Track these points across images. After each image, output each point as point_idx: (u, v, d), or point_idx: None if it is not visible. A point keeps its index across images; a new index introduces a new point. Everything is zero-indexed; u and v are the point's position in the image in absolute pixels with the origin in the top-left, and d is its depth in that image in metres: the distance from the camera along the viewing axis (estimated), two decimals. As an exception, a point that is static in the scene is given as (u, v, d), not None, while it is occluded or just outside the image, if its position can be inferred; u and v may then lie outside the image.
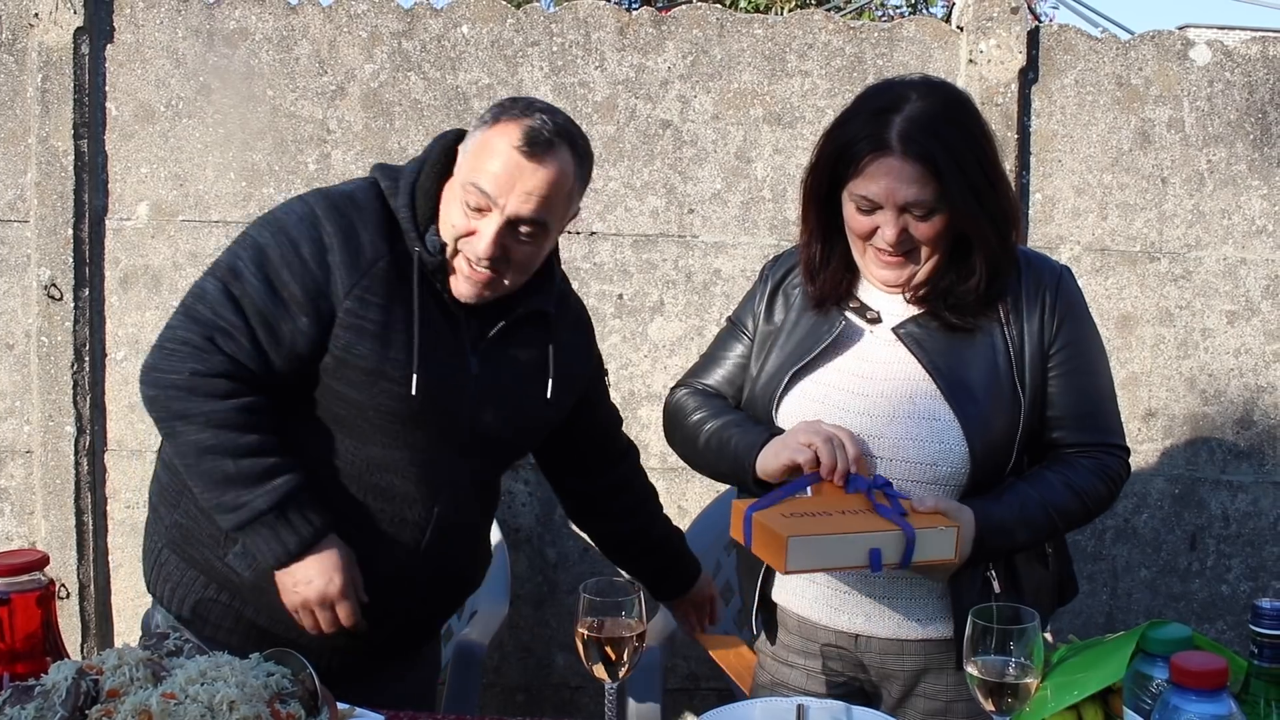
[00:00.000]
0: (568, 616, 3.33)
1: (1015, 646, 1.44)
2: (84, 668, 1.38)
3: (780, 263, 2.04)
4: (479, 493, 2.05)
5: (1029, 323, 1.86)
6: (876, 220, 1.77)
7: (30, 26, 3.20)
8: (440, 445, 1.93)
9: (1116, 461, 1.92)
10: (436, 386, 1.87)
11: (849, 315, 1.91)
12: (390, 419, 1.88)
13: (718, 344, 2.08)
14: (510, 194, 1.79)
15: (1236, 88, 3.31)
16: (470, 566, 2.12)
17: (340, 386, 1.86)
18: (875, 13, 10.28)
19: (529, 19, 3.29)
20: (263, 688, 1.40)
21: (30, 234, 3.26)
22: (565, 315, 2.08)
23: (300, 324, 1.82)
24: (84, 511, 3.32)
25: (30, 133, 3.24)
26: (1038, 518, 1.80)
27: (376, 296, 1.84)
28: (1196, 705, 1.19)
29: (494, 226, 1.80)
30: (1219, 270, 3.35)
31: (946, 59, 3.31)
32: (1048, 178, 3.33)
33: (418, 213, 1.88)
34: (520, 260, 1.87)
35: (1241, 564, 3.41)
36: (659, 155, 3.30)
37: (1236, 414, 3.39)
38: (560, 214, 1.88)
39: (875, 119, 1.75)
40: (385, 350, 1.84)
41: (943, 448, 1.79)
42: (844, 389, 1.86)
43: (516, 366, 1.97)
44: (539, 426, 2.08)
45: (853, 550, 1.63)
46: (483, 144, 1.82)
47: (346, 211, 1.87)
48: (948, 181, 1.72)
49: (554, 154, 1.81)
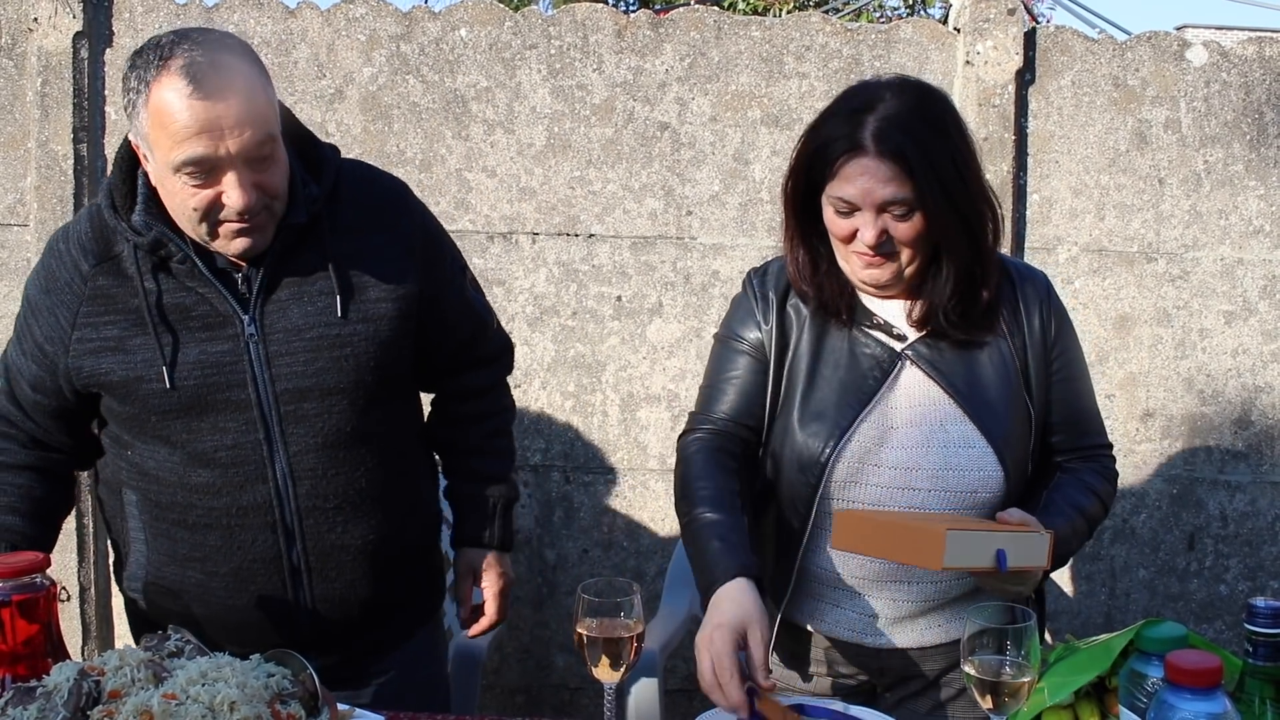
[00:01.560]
0: (567, 618, 3.33)
1: (1012, 646, 1.45)
2: (86, 669, 1.39)
3: (771, 275, 1.96)
4: (341, 451, 1.86)
5: (1030, 333, 1.87)
6: (855, 223, 1.75)
7: (29, 31, 3.21)
8: (242, 419, 1.81)
9: (1110, 460, 1.99)
10: (200, 367, 1.78)
11: (878, 337, 1.86)
12: (171, 417, 1.80)
13: (719, 365, 1.97)
14: (221, 141, 1.63)
15: (1233, 88, 3.32)
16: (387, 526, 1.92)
17: (115, 406, 1.84)
18: (873, 14, 10.29)
19: (527, 22, 3.30)
20: (263, 688, 1.40)
21: (30, 238, 3.27)
22: (354, 220, 1.87)
23: (32, 371, 1.86)
24: (84, 514, 3.32)
25: (30, 137, 3.25)
26: (1080, 526, 1.84)
27: (100, 314, 1.80)
28: (1191, 704, 1.20)
29: (234, 177, 1.66)
30: (1216, 270, 3.36)
31: (943, 61, 3.32)
32: (1045, 179, 3.34)
33: (120, 209, 1.78)
34: (273, 185, 1.72)
35: (1239, 564, 3.42)
36: (657, 157, 3.31)
37: (1234, 414, 3.39)
38: (273, 118, 1.71)
39: (849, 120, 1.73)
40: (130, 357, 1.78)
41: (982, 475, 1.80)
42: (876, 423, 1.83)
43: (302, 302, 1.81)
44: (354, 350, 1.84)
45: (987, 548, 1.63)
46: (155, 118, 1.64)
47: (58, 245, 1.86)
48: (920, 178, 1.70)
49: (224, 73, 1.63)
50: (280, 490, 1.83)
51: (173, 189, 1.69)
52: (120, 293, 1.79)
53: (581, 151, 3.31)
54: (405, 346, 1.92)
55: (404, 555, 1.98)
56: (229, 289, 1.79)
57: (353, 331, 1.83)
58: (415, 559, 2.03)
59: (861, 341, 1.86)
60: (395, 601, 1.99)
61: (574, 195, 3.32)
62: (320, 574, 1.88)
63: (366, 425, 1.87)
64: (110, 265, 1.79)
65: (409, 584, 2.03)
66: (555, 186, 3.31)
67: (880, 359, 1.84)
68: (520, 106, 3.30)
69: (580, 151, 3.31)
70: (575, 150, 3.31)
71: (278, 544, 1.84)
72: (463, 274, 2.07)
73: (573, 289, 3.33)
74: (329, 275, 1.82)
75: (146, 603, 1.93)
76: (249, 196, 1.67)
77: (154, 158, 1.69)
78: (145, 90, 1.64)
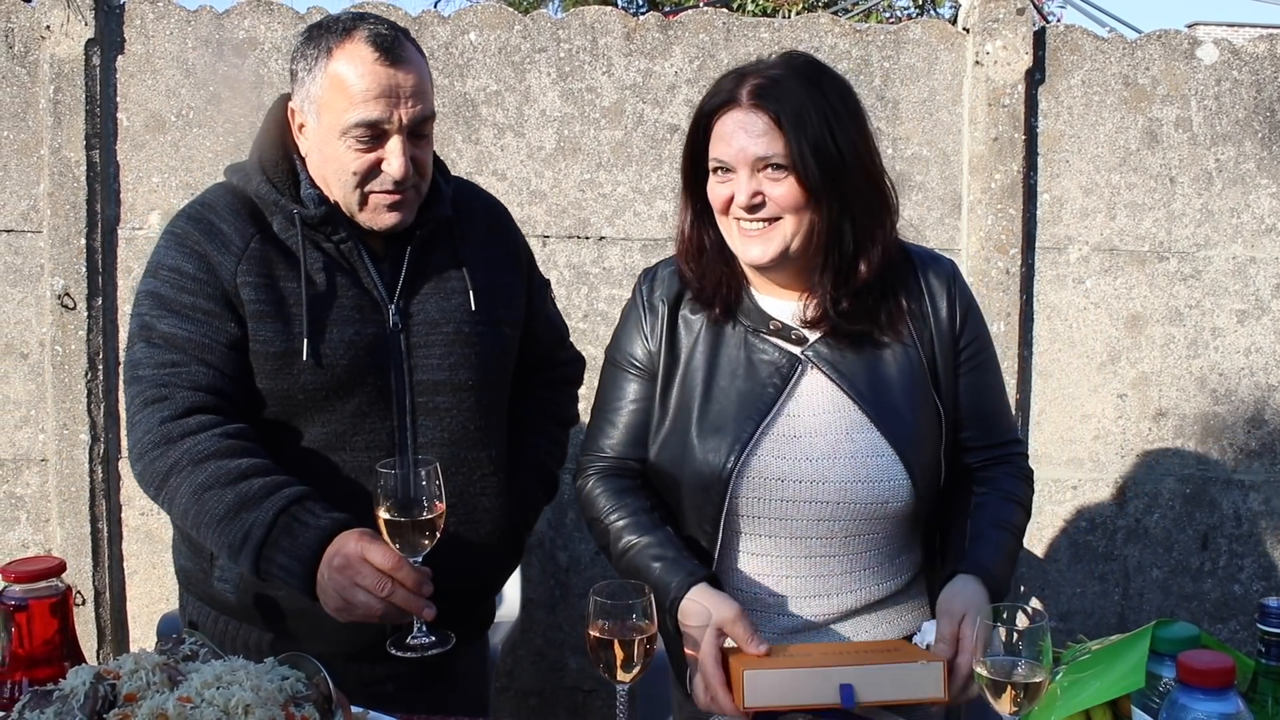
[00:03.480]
0: (580, 620, 3.33)
1: (1024, 646, 1.44)
2: (101, 672, 1.40)
3: (660, 282, 1.90)
4: (463, 451, 1.91)
5: (935, 323, 1.82)
6: (732, 187, 1.72)
7: (42, 39, 3.23)
8: (383, 405, 1.84)
9: (1024, 459, 1.93)
10: (351, 349, 1.80)
11: (775, 342, 1.80)
12: (319, 396, 1.80)
13: (607, 394, 1.92)
14: (397, 107, 1.75)
15: (1244, 86, 3.31)
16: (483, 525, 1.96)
17: (262, 383, 1.79)
18: (883, 14, 10.28)
19: (536, 25, 3.31)
20: (278, 691, 1.41)
21: (43, 244, 3.29)
22: (472, 229, 1.97)
23: (230, 329, 1.77)
24: (99, 519, 3.34)
25: (43, 144, 3.27)
26: (1012, 545, 1.81)
27: (260, 275, 1.78)
28: (1204, 704, 1.20)
29: (399, 144, 1.76)
30: (1228, 269, 3.35)
31: (953, 61, 3.31)
32: (1055, 178, 3.33)
33: (276, 184, 1.82)
34: (424, 164, 1.83)
35: (1254, 563, 3.40)
36: (667, 159, 3.31)
37: (1247, 413, 3.38)
38: (434, 100, 1.85)
39: (732, 79, 1.73)
40: (286, 326, 1.78)
41: (891, 485, 1.75)
42: (779, 433, 1.77)
43: (439, 298, 1.89)
44: (482, 349, 1.92)
45: (822, 686, 1.55)
46: (333, 83, 1.75)
47: (203, 215, 1.83)
48: (791, 134, 1.66)
49: (406, 48, 1.78)
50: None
51: (334, 153, 1.77)
52: (278, 261, 1.80)
53: (592, 154, 3.31)
54: (515, 352, 2.00)
55: (490, 573, 2.01)
56: (379, 277, 1.85)
57: (482, 331, 1.91)
58: (496, 580, 2.05)
59: (759, 348, 1.80)
60: (466, 616, 1.99)
61: (584, 198, 3.32)
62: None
63: (487, 426, 1.94)
64: (267, 235, 1.82)
65: (483, 603, 2.05)
66: (566, 189, 3.32)
67: (779, 365, 1.78)
68: (530, 110, 3.30)
69: (590, 154, 3.31)
70: (585, 153, 3.31)
71: None
72: (547, 287, 2.17)
73: (584, 291, 3.34)
74: (463, 275, 1.90)
75: (237, 596, 1.86)
76: (407, 166, 1.77)
77: (321, 122, 1.78)
78: (326, 56, 1.76)
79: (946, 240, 3.32)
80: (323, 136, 1.79)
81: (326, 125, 1.77)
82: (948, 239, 3.33)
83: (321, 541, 1.64)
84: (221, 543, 1.69)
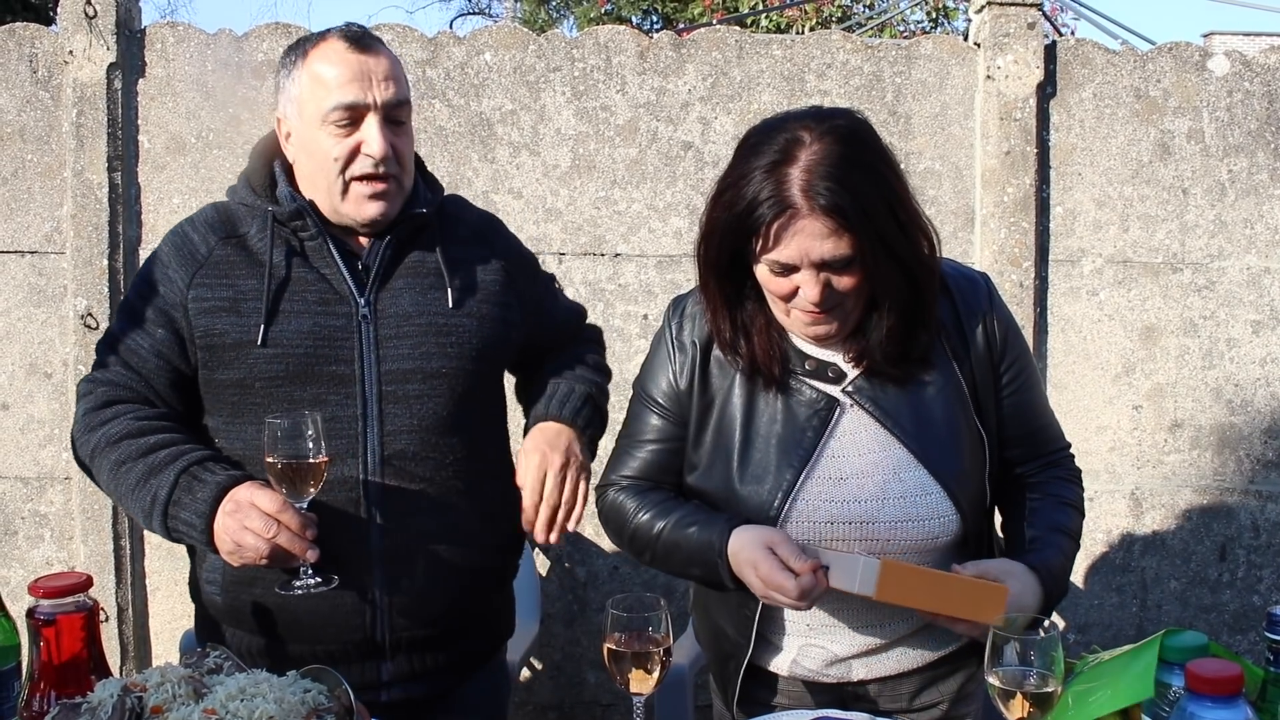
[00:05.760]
0: (598, 634, 3.35)
1: (1036, 656, 1.45)
2: (128, 685, 1.42)
3: (690, 319, 1.85)
4: (434, 437, 1.91)
5: (974, 350, 1.78)
6: (795, 281, 1.63)
7: (65, 63, 3.28)
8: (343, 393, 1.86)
9: (1070, 459, 1.94)
10: (310, 338, 1.85)
11: (813, 384, 1.76)
12: (276, 384, 1.84)
13: (633, 425, 1.90)
14: (370, 88, 1.83)
15: (1256, 97, 3.32)
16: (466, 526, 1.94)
17: (220, 374, 1.86)
18: (896, 28, 10.29)
19: (550, 45, 3.34)
20: (300, 704, 1.43)
21: (67, 265, 3.34)
22: (459, 232, 2.02)
23: (158, 335, 1.88)
24: (121, 536, 3.38)
25: (66, 166, 3.32)
26: (1070, 548, 1.81)
27: (218, 277, 1.87)
28: (1212, 712, 1.20)
29: (375, 122, 1.84)
30: (1243, 280, 3.35)
31: (964, 75, 3.33)
32: (1068, 191, 3.34)
33: (257, 191, 1.92)
34: (404, 154, 1.90)
35: (1273, 574, 3.40)
36: (681, 176, 3.34)
37: (1264, 423, 3.38)
38: (408, 88, 1.93)
39: (771, 176, 1.59)
40: (242, 319, 1.85)
41: (941, 522, 1.73)
42: (824, 476, 1.74)
43: (414, 293, 1.92)
44: (459, 339, 1.93)
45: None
46: (312, 78, 1.85)
47: (182, 228, 1.94)
48: (859, 231, 1.58)
49: (376, 40, 1.88)
50: (368, 467, 1.86)
51: (317, 146, 1.85)
52: (241, 262, 1.89)
53: (606, 172, 3.34)
54: (505, 346, 2.02)
55: (478, 568, 1.98)
56: (350, 272, 1.90)
57: (459, 323, 1.94)
58: (488, 577, 2.03)
59: (796, 390, 1.77)
60: (464, 622, 1.99)
61: (599, 215, 3.35)
62: (398, 563, 1.87)
63: (461, 413, 1.94)
64: (235, 241, 1.90)
65: (479, 604, 2.02)
66: (581, 207, 3.35)
67: (818, 406, 1.75)
68: (545, 128, 3.34)
69: (605, 172, 3.34)
70: (600, 171, 3.34)
71: (360, 523, 1.85)
72: (554, 282, 2.25)
73: (599, 308, 3.36)
74: (441, 272, 1.94)
75: (224, 598, 1.91)
76: (386, 145, 1.84)
77: (304, 117, 1.86)
78: (303, 59, 1.86)
79: (960, 254, 3.34)
80: (306, 133, 1.87)
81: (309, 119, 1.85)
82: (961, 253, 3.34)
83: (218, 495, 1.73)
84: (138, 510, 1.80)
